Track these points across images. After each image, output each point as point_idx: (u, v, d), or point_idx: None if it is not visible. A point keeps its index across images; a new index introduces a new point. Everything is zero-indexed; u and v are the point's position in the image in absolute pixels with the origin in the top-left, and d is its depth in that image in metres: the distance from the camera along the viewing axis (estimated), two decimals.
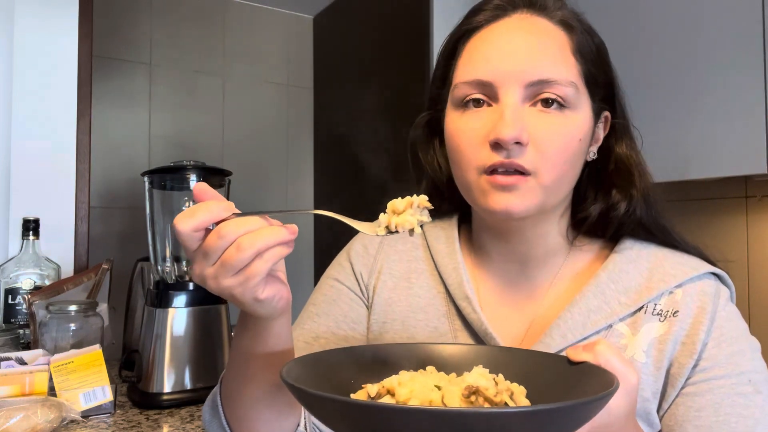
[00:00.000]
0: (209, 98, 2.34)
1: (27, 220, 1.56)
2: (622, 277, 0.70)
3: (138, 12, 2.19)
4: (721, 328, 0.67)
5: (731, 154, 1.28)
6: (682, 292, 0.69)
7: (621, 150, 0.73)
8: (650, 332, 0.67)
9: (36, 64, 1.66)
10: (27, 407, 1.03)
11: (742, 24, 1.26)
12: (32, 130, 1.65)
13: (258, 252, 0.52)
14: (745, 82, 1.25)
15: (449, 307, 0.75)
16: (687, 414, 0.64)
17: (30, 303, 1.40)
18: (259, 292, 0.54)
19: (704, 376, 0.65)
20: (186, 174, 1.39)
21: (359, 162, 2.21)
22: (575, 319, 0.68)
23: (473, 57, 0.69)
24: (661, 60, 1.42)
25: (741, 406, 0.63)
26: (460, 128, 0.68)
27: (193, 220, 0.53)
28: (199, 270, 0.55)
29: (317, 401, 0.46)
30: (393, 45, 2.11)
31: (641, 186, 0.71)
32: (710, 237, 1.60)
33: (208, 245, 0.53)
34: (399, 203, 0.56)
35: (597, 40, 0.72)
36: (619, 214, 0.71)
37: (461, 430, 0.40)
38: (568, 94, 0.65)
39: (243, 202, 2.32)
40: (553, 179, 0.65)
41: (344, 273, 0.83)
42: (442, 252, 0.78)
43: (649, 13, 1.45)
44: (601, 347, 0.53)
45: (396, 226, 0.56)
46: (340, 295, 0.81)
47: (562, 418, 0.43)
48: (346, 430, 0.47)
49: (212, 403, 0.70)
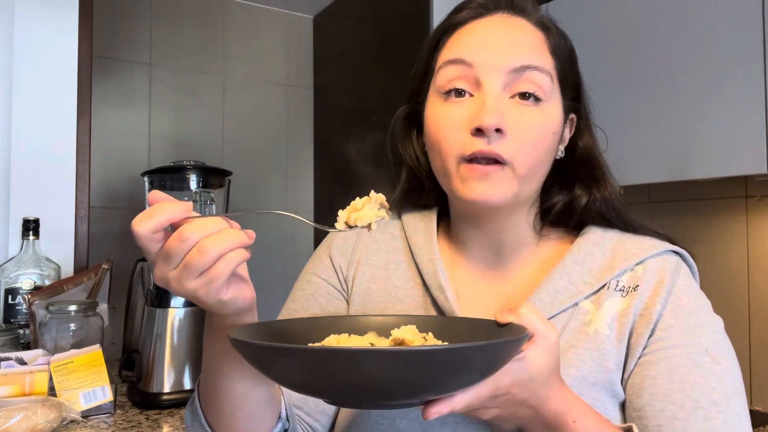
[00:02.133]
0: (209, 98, 2.34)
1: (27, 220, 1.56)
2: (586, 258, 0.73)
3: (138, 12, 2.19)
4: (678, 300, 0.69)
5: (731, 154, 1.28)
6: (643, 268, 0.72)
7: (584, 148, 0.77)
8: (612, 307, 0.71)
9: (36, 64, 1.66)
10: (27, 407, 1.03)
11: (743, 24, 1.26)
12: (32, 130, 1.65)
13: (221, 254, 0.52)
14: (745, 82, 1.25)
15: (425, 297, 0.77)
16: (643, 382, 0.67)
17: (30, 303, 1.40)
18: (222, 293, 0.55)
19: (660, 345, 0.67)
20: (186, 174, 1.39)
21: (359, 162, 2.21)
22: (543, 299, 0.71)
23: (457, 43, 0.73)
24: (661, 60, 1.42)
25: (697, 375, 0.65)
26: (442, 116, 0.71)
27: (151, 222, 0.52)
28: (161, 273, 0.54)
29: (256, 351, 0.50)
30: (393, 45, 2.11)
31: (602, 181, 0.76)
32: (710, 237, 1.60)
33: (169, 248, 0.52)
34: (359, 201, 0.59)
35: (569, 43, 0.77)
36: (580, 205, 0.75)
37: (366, 367, 0.44)
38: (545, 83, 0.69)
39: (243, 202, 2.34)
40: (528, 169, 0.69)
41: (322, 266, 0.84)
42: (420, 243, 0.80)
43: (649, 12, 1.45)
44: (524, 309, 0.57)
45: (355, 220, 0.58)
46: (317, 289, 0.83)
47: (470, 357, 0.47)
48: (283, 376, 0.51)
49: (191, 406, 0.71)
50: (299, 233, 2.54)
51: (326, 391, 0.51)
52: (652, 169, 1.43)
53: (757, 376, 1.50)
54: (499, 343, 0.48)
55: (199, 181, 1.40)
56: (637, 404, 0.67)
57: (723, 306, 1.13)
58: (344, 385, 0.47)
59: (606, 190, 0.75)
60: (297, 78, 2.56)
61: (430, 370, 0.46)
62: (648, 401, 0.66)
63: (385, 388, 0.47)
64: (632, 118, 1.46)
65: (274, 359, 0.49)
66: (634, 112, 1.46)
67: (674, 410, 0.64)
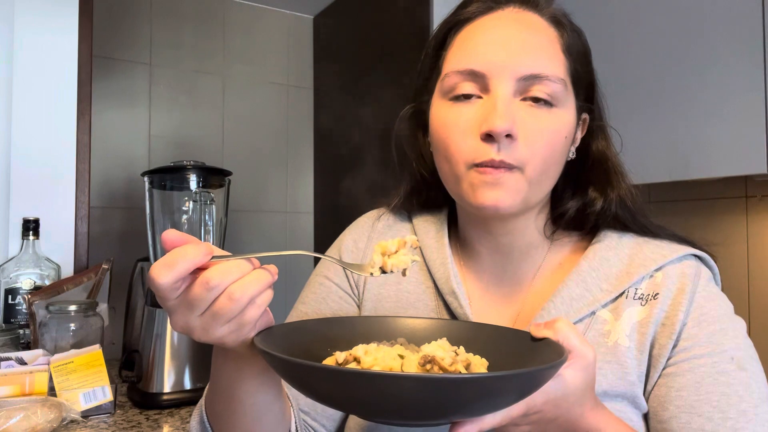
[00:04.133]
0: (209, 98, 2.34)
1: (27, 220, 1.56)
2: (602, 264, 0.70)
3: (138, 12, 2.19)
4: (701, 308, 0.67)
5: (731, 154, 1.28)
6: (662, 275, 0.69)
7: (598, 150, 0.74)
8: (632, 316, 0.68)
9: (36, 64, 1.66)
10: (27, 407, 1.03)
11: (743, 24, 1.26)
12: (32, 130, 1.65)
13: (251, 299, 0.50)
14: (745, 82, 1.25)
15: (438, 301, 0.76)
16: (669, 394, 0.65)
17: (30, 303, 1.40)
18: (250, 336, 0.53)
19: (685, 356, 0.65)
20: (186, 174, 1.39)
21: (359, 162, 2.21)
22: (558, 308, 0.68)
23: (465, 47, 0.69)
24: (661, 60, 1.42)
25: (723, 384, 0.63)
26: (449, 119, 0.68)
27: (173, 272, 0.48)
28: (183, 321, 0.51)
29: (288, 366, 0.48)
30: (393, 45, 2.11)
31: (617, 184, 0.73)
32: (710, 237, 1.60)
33: (195, 296, 0.49)
34: (391, 245, 0.58)
35: (584, 40, 0.73)
36: (595, 210, 0.72)
37: (413, 391, 0.43)
38: (557, 91, 0.66)
39: (243, 202, 2.33)
40: (539, 174, 0.66)
41: (334, 269, 0.83)
42: (432, 246, 0.78)
43: (649, 12, 1.45)
44: (561, 324, 0.55)
45: (391, 266, 0.58)
46: (329, 293, 0.81)
47: (507, 386, 0.45)
48: (312, 392, 0.50)
49: (200, 422, 0.69)
50: (299, 233, 2.54)
51: (356, 409, 0.51)
52: (652, 169, 1.43)
53: None
54: (539, 370, 0.46)
55: (199, 181, 1.40)
56: (662, 417, 0.65)
57: None
58: (375, 405, 0.47)
59: (621, 191, 0.72)
60: (297, 78, 2.56)
61: (465, 396, 0.45)
62: (674, 414, 0.64)
63: (417, 410, 0.46)
64: (632, 118, 1.46)
65: (309, 377, 0.48)
66: (634, 112, 1.46)
67: (701, 422, 0.62)
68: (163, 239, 0.51)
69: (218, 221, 1.43)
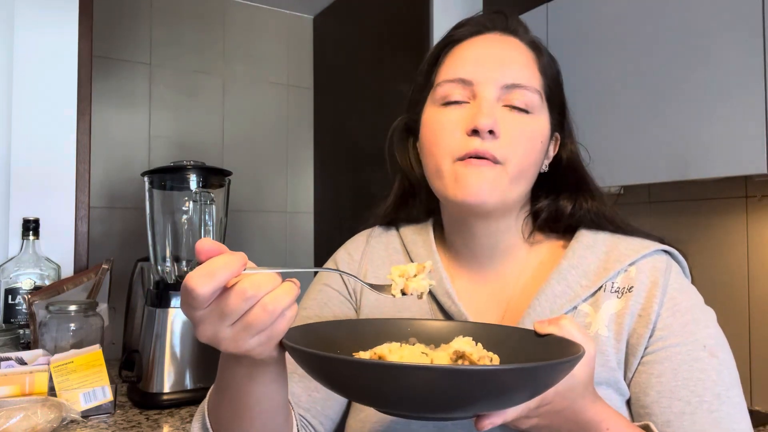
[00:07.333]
0: (209, 98, 2.34)
1: (27, 220, 1.56)
2: (581, 262, 0.76)
3: (138, 12, 2.19)
4: (673, 299, 0.72)
5: (731, 154, 1.28)
6: (636, 269, 0.75)
7: (569, 160, 0.82)
8: (610, 308, 0.74)
9: (36, 64, 1.66)
10: (27, 407, 1.03)
11: (743, 24, 1.26)
12: (32, 130, 1.66)
13: (283, 311, 0.51)
14: (745, 82, 1.25)
15: (431, 304, 0.81)
16: (649, 380, 0.70)
17: (30, 303, 1.40)
18: (277, 348, 0.55)
19: (661, 345, 0.71)
20: (186, 174, 1.39)
21: (359, 162, 2.21)
22: (543, 305, 0.74)
23: (455, 61, 0.78)
24: (661, 60, 1.42)
25: (698, 370, 0.69)
26: (438, 119, 0.75)
27: (214, 282, 0.49)
28: (211, 331, 0.51)
29: (324, 362, 0.49)
30: (393, 45, 2.11)
31: (587, 190, 0.81)
32: (710, 237, 1.60)
33: (228, 306, 0.50)
34: (410, 269, 0.62)
35: (557, 66, 0.82)
36: (566, 213, 0.80)
37: (463, 383, 0.45)
38: (533, 100, 0.75)
39: (243, 202, 2.33)
40: (518, 172, 0.73)
41: (332, 278, 0.88)
42: (421, 255, 0.83)
43: (649, 12, 1.45)
44: (565, 321, 0.59)
45: (412, 290, 0.61)
46: (330, 298, 0.86)
47: (543, 376, 0.48)
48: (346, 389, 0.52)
49: (202, 427, 0.69)
50: (299, 233, 2.54)
51: (392, 403, 0.50)
52: (652, 169, 1.43)
53: (757, 376, 1.50)
54: (568, 361, 0.49)
55: (199, 181, 1.40)
56: (644, 401, 0.70)
57: (723, 306, 1.13)
58: (420, 399, 0.47)
59: (591, 197, 0.80)
60: (297, 78, 2.56)
61: (501, 387, 0.46)
62: (655, 398, 0.69)
63: (453, 402, 0.47)
64: (632, 118, 1.46)
65: (344, 371, 0.48)
66: (634, 112, 1.46)
67: (681, 406, 0.68)
68: (198, 249, 0.51)
69: (218, 221, 1.43)
